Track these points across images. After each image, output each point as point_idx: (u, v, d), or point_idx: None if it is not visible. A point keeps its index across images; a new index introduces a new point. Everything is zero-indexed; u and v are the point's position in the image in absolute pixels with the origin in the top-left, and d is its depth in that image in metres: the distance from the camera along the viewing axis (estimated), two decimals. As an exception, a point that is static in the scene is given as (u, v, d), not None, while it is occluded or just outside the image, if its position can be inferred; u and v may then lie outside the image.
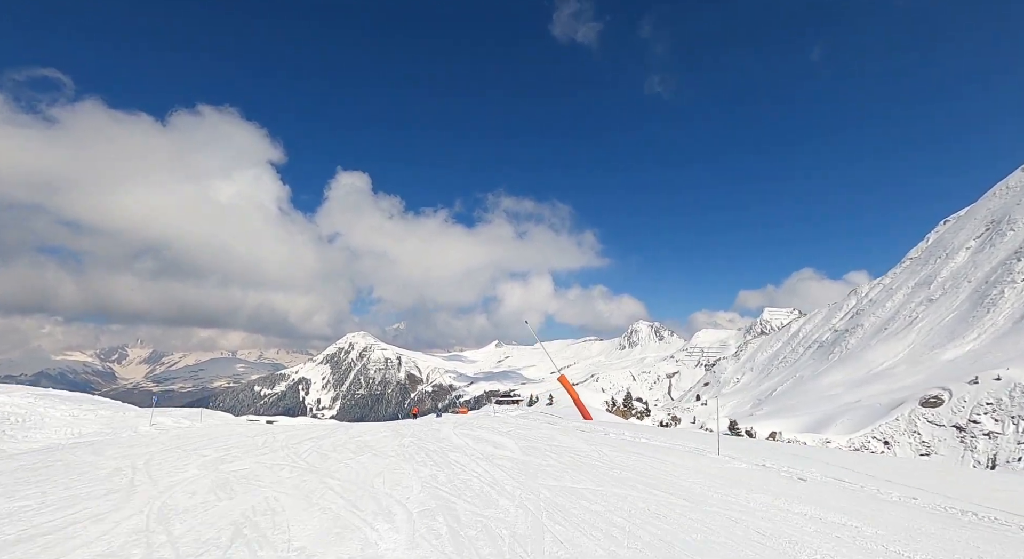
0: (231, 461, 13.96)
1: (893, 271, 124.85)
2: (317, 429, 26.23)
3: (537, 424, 31.22)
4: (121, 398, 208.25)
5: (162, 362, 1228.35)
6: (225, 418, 43.51)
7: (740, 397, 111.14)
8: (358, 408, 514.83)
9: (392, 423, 40.42)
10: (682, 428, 63.23)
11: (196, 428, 26.58)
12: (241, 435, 21.54)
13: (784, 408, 72.18)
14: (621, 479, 12.68)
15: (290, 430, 24.31)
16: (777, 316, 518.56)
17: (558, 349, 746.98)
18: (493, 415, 48.52)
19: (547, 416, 44.64)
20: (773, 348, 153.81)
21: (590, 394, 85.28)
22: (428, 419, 42.50)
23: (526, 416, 44.35)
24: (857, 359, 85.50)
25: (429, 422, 34.97)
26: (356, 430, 25.82)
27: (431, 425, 29.39)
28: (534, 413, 52.62)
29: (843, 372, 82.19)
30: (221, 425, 30.63)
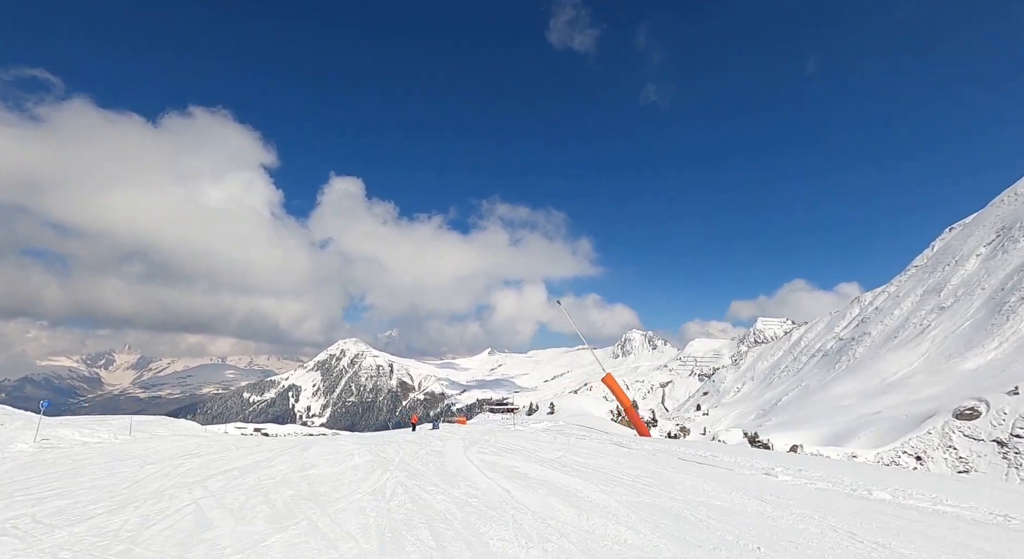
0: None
1: (898, 279, 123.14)
2: (264, 450, 20.65)
3: (583, 444, 22.49)
4: (107, 405, 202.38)
5: (150, 368, 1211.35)
6: (187, 428, 38.53)
7: (743, 407, 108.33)
8: (349, 416, 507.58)
9: (380, 435, 36.14)
10: (692, 440, 59.89)
11: (104, 446, 21.09)
12: (130, 463, 15.74)
13: (794, 419, 69.28)
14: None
15: (229, 451, 19.75)
16: (770, 326, 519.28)
17: (551, 357, 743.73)
18: (509, 428, 41.07)
19: (583, 429, 39.53)
20: (774, 357, 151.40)
21: (593, 402, 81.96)
22: (423, 431, 38.44)
23: (559, 430, 36.57)
24: (868, 368, 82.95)
25: (426, 437, 28.72)
26: (317, 452, 19.16)
27: (429, 442, 22.77)
28: (564, 425, 46.44)
29: (854, 382, 79.57)
30: (148, 440, 25.08)
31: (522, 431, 33.36)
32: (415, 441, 24.36)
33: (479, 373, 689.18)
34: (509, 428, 40.57)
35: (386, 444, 22.28)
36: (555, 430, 35.81)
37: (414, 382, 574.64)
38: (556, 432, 32.31)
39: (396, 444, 22.13)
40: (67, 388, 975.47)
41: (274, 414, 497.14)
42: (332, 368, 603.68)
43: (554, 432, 32.32)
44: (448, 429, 40.87)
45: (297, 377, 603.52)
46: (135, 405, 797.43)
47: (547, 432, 32.37)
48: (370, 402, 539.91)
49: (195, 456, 17.60)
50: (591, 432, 34.17)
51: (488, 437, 25.54)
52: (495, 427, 44.53)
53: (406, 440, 25.29)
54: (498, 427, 45.25)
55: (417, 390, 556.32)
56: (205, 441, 24.39)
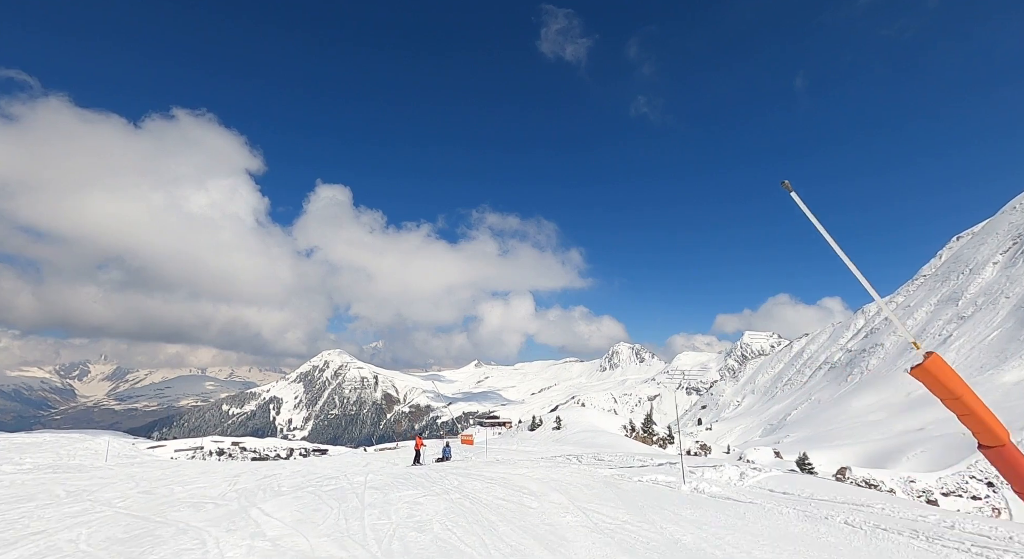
0: None
1: (905, 288, 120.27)
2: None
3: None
4: (80, 417, 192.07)
5: (126, 379, 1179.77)
6: (92, 450, 31.93)
7: (746, 421, 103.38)
8: (331, 429, 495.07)
9: (358, 460, 30.53)
10: (715, 458, 53.78)
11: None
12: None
13: (816, 435, 64.12)
14: None
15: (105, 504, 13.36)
16: (757, 339, 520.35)
17: (538, 370, 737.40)
18: (527, 451, 34.60)
19: (633, 459, 27.32)
20: (775, 369, 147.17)
21: (604, 417, 75.99)
22: (428, 463, 29.62)
23: (601, 459, 25.77)
24: (888, 381, 78.38)
25: (437, 477, 17.46)
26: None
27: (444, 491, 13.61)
28: (596, 451, 35.78)
29: (876, 395, 74.87)
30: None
31: (579, 467, 21.49)
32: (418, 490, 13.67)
33: (465, 385, 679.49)
34: (524, 450, 35.87)
35: (342, 493, 13.25)
36: (593, 459, 27.26)
37: (399, 394, 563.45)
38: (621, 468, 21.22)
39: (364, 494, 12.99)
40: (38, 400, 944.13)
41: (254, 427, 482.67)
42: (315, 380, 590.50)
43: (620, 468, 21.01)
44: (460, 458, 31.25)
45: (279, 389, 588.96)
46: (110, 418, 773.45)
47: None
48: (354, 415, 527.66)
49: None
50: (632, 463, 27.43)
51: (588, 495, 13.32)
52: (503, 450, 38.33)
53: (399, 484, 15.21)
54: (500, 447, 39.52)
55: (402, 403, 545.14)
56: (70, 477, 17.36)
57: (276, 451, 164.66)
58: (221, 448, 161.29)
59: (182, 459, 47.47)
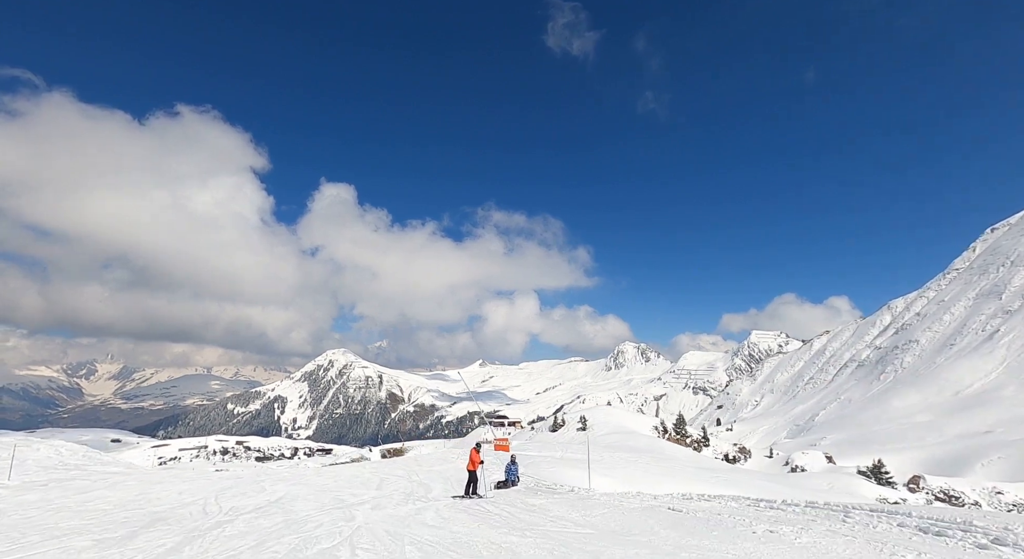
0: None
1: (936, 283, 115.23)
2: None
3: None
4: (87, 416, 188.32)
5: (132, 378, 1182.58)
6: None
7: (768, 422, 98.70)
8: (336, 428, 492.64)
9: (365, 475, 24.34)
10: (748, 468, 49.62)
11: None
12: None
13: (855, 438, 59.67)
14: None
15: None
16: (764, 339, 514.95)
17: (543, 369, 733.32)
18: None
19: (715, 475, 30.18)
20: (795, 367, 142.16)
21: (633, 416, 71.55)
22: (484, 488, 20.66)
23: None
24: (932, 379, 73.86)
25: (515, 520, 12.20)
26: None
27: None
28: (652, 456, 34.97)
29: (917, 394, 70.37)
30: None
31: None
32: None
33: (470, 385, 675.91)
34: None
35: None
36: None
37: (404, 394, 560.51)
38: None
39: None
40: (46, 399, 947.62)
41: (259, 426, 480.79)
42: (319, 379, 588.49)
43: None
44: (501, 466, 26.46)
45: (283, 388, 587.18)
46: (116, 416, 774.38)
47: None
48: (358, 414, 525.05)
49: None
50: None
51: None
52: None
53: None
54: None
55: (407, 402, 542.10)
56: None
57: (280, 450, 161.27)
58: (225, 447, 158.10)
59: (152, 465, 43.01)
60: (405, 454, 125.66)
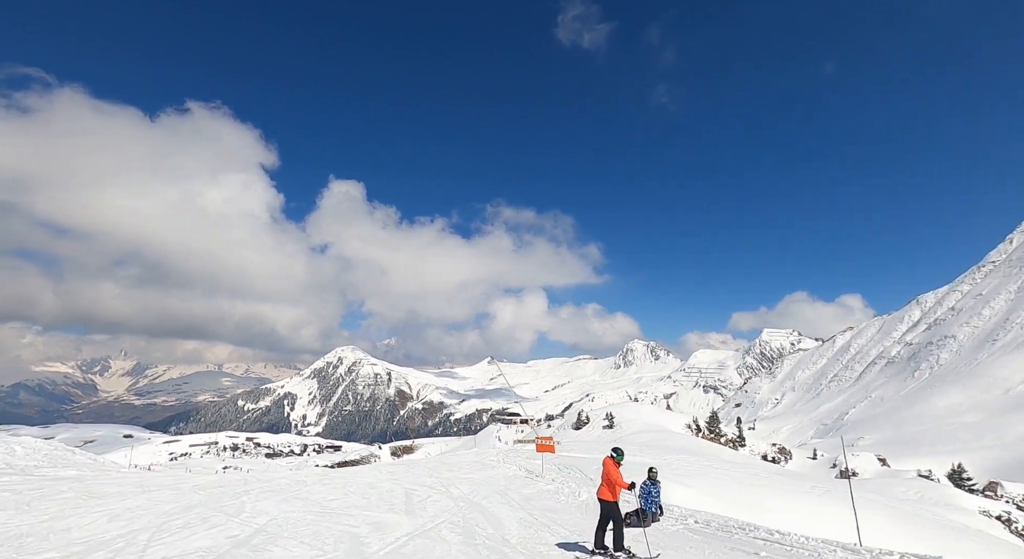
0: None
1: (970, 277, 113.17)
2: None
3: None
4: (101, 412, 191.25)
5: (145, 375, 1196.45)
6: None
7: (793, 421, 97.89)
8: (345, 425, 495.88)
9: (383, 490, 17.82)
10: (794, 470, 49.19)
11: None
12: None
13: (897, 438, 58.61)
14: None
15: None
16: (776, 337, 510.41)
17: (551, 367, 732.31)
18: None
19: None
20: (817, 365, 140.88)
21: (664, 414, 70.88)
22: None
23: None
24: (975, 376, 72.45)
25: None
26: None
27: None
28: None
29: (962, 392, 69.08)
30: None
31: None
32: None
33: (478, 382, 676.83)
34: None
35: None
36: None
37: (412, 391, 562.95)
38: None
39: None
40: (61, 394, 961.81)
41: (268, 423, 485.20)
42: (329, 376, 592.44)
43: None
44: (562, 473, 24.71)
45: (293, 385, 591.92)
46: (129, 412, 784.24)
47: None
48: (367, 411, 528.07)
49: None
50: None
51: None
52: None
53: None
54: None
55: (415, 399, 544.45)
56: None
57: (290, 447, 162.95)
58: (235, 443, 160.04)
59: (130, 466, 41.90)
60: (415, 451, 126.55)
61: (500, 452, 38.51)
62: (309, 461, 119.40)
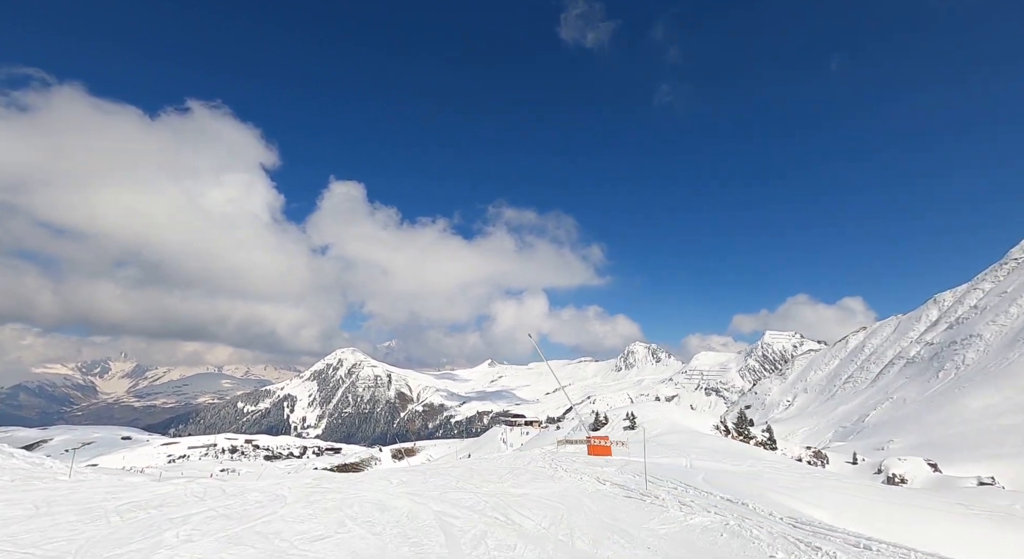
0: None
1: (992, 274, 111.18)
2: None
3: None
4: (101, 414, 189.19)
5: (145, 377, 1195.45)
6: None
7: (808, 423, 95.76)
8: (345, 427, 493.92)
9: (400, 512, 13.51)
10: (842, 473, 47.06)
11: None
12: None
13: (930, 442, 56.27)
14: None
15: None
16: (779, 339, 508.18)
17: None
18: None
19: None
20: (830, 366, 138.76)
21: (688, 414, 68.60)
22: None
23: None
24: (1007, 377, 70.19)
25: None
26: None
27: None
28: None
29: (996, 393, 66.90)
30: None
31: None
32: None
33: (479, 384, 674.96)
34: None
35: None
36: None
37: (413, 393, 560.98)
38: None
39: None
40: (61, 396, 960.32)
41: (268, 425, 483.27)
42: (329, 378, 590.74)
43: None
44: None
45: (293, 387, 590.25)
46: (129, 414, 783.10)
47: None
48: (367, 413, 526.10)
49: None
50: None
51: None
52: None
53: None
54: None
55: (416, 401, 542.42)
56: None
57: (289, 449, 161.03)
58: (234, 445, 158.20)
59: (106, 476, 38.40)
60: (417, 454, 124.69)
61: (546, 455, 32.72)
62: (308, 464, 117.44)
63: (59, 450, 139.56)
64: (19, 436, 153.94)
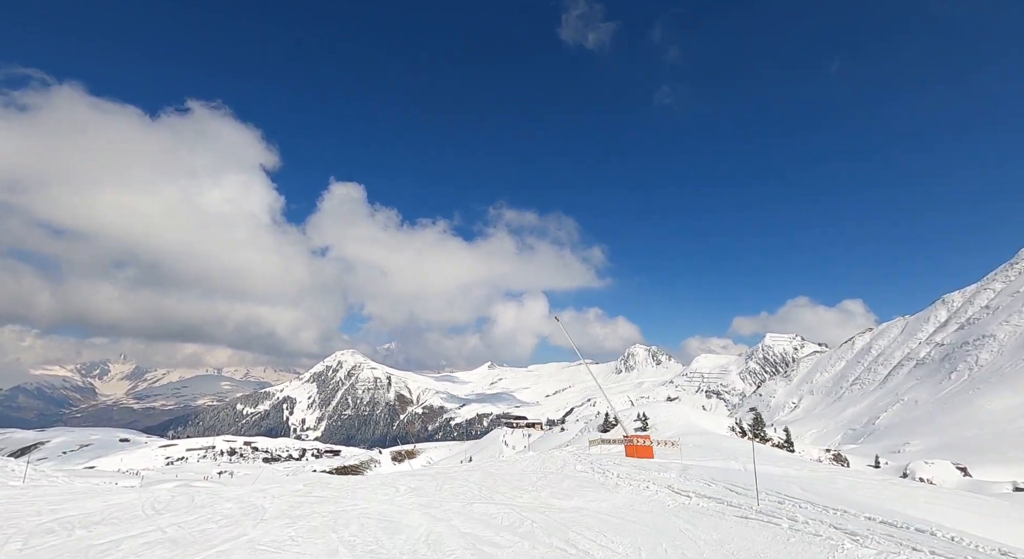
0: None
1: (1003, 274, 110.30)
2: None
3: None
4: (100, 415, 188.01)
5: (145, 378, 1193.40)
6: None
7: (816, 425, 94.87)
8: (344, 429, 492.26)
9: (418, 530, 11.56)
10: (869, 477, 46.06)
11: None
12: None
13: (951, 444, 55.18)
14: None
15: None
16: (779, 342, 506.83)
17: (552, 372, 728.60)
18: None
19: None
20: (836, 367, 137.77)
21: (702, 414, 67.39)
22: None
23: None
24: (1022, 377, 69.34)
25: None
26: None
27: None
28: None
29: (1016, 395, 65.76)
30: None
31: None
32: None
33: (479, 387, 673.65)
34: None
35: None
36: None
37: (412, 395, 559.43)
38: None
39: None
40: (60, 398, 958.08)
41: (267, 427, 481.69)
42: (328, 380, 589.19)
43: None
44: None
45: (292, 389, 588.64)
46: (128, 416, 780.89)
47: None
48: (367, 415, 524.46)
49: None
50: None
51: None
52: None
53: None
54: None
55: (415, 404, 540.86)
56: None
57: (288, 451, 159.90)
58: (232, 448, 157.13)
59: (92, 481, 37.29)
60: (418, 456, 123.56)
61: (580, 457, 28.89)
62: (307, 466, 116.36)
63: (57, 452, 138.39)
64: (17, 438, 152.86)
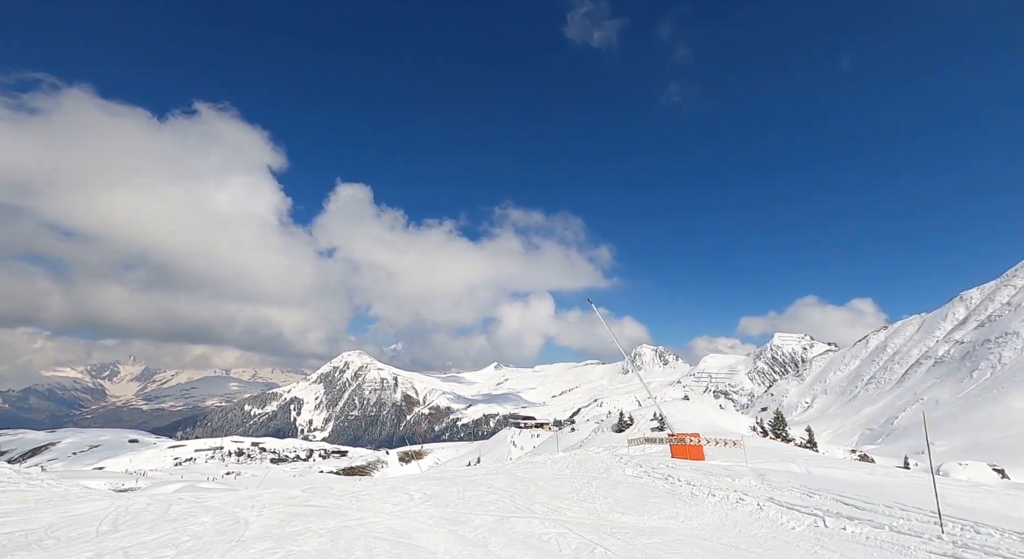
0: None
1: (1023, 270, 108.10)
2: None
3: None
4: (110, 417, 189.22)
5: (154, 380, 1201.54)
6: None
7: (831, 425, 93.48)
8: (351, 430, 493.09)
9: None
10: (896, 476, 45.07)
11: None
12: None
13: (980, 445, 54.18)
14: None
15: None
16: (788, 342, 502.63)
17: (558, 372, 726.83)
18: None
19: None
20: (850, 366, 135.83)
21: (721, 413, 66.33)
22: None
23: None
24: None
25: None
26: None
27: None
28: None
29: None
30: None
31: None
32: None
33: (485, 387, 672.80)
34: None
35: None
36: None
37: (419, 396, 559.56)
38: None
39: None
40: (71, 399, 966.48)
41: (275, 428, 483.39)
42: (335, 381, 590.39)
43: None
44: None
45: (299, 390, 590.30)
46: (138, 417, 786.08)
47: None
48: (374, 416, 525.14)
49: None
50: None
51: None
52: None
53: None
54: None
55: (422, 404, 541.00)
56: None
57: (296, 452, 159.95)
58: (240, 448, 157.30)
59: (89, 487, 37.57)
60: (425, 457, 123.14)
61: (621, 458, 26.00)
62: (314, 467, 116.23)
63: (67, 453, 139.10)
64: (28, 439, 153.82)
